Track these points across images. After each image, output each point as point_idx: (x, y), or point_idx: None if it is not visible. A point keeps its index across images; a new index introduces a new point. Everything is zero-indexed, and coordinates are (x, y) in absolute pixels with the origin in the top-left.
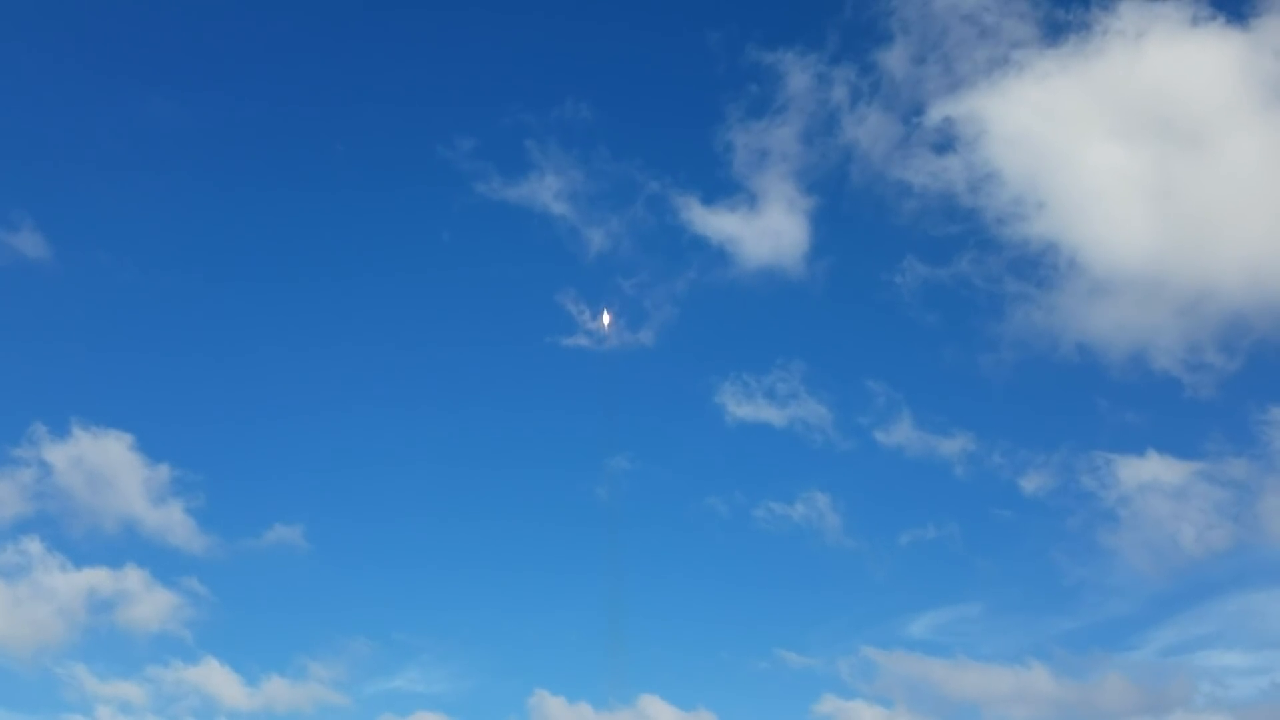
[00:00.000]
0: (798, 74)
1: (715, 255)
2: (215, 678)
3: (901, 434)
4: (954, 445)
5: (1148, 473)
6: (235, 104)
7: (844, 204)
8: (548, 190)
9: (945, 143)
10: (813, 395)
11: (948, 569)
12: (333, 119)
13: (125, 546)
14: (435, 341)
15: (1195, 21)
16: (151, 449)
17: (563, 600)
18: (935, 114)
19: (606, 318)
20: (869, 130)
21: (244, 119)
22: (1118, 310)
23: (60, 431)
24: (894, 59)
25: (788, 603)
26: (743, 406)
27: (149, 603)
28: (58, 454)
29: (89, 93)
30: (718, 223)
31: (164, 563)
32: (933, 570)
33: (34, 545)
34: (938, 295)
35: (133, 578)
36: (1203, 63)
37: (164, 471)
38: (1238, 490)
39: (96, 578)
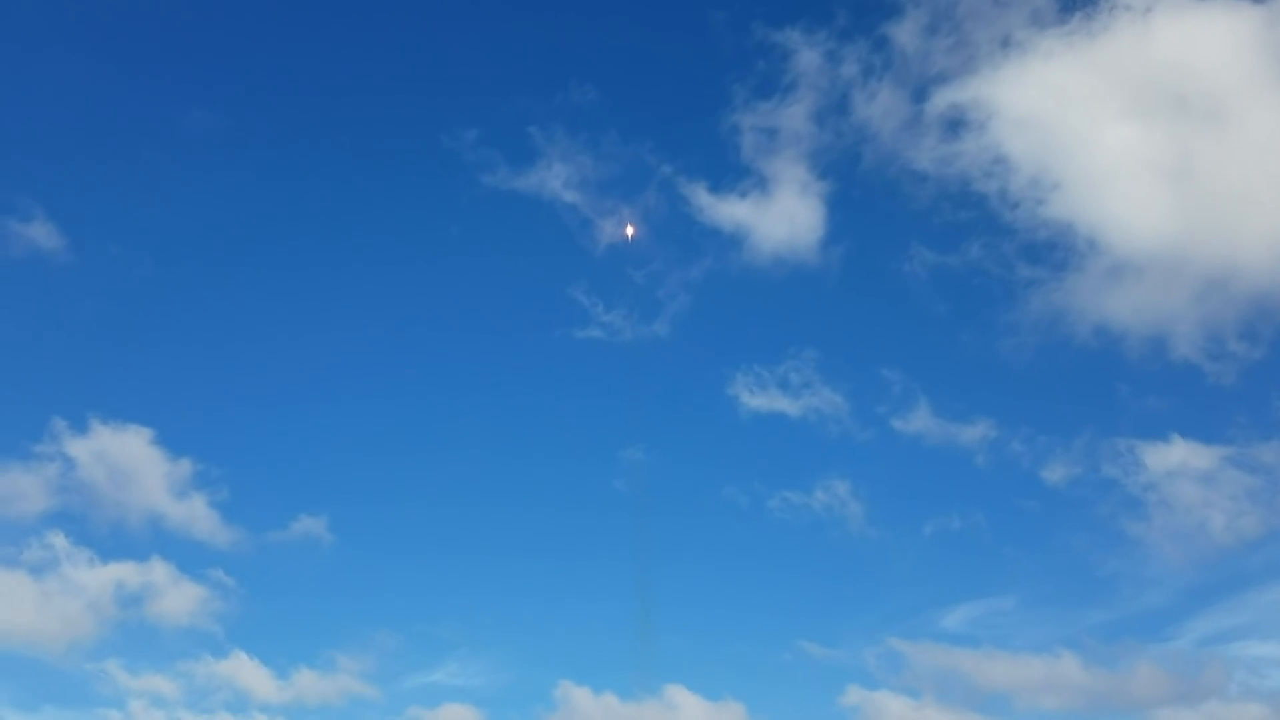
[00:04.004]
0: (806, 51)
1: (729, 242)
2: (245, 671)
3: (920, 422)
4: (974, 432)
5: (1174, 458)
6: (243, 98)
7: (857, 188)
8: (556, 179)
9: (958, 127)
10: (827, 384)
11: (975, 560)
12: (338, 113)
13: (150, 540)
14: (452, 335)
15: None
16: (172, 443)
17: (584, 591)
18: (946, 97)
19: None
20: (880, 108)
21: (252, 113)
22: (1137, 292)
23: (79, 427)
24: (905, 33)
25: (810, 593)
26: (756, 398)
27: (177, 596)
28: (79, 449)
29: (100, 87)
30: (730, 209)
31: (190, 556)
32: (960, 561)
33: (59, 540)
34: (953, 281)
35: (159, 571)
36: (1215, 37)
37: (186, 465)
38: (1267, 476)
39: (123, 572)
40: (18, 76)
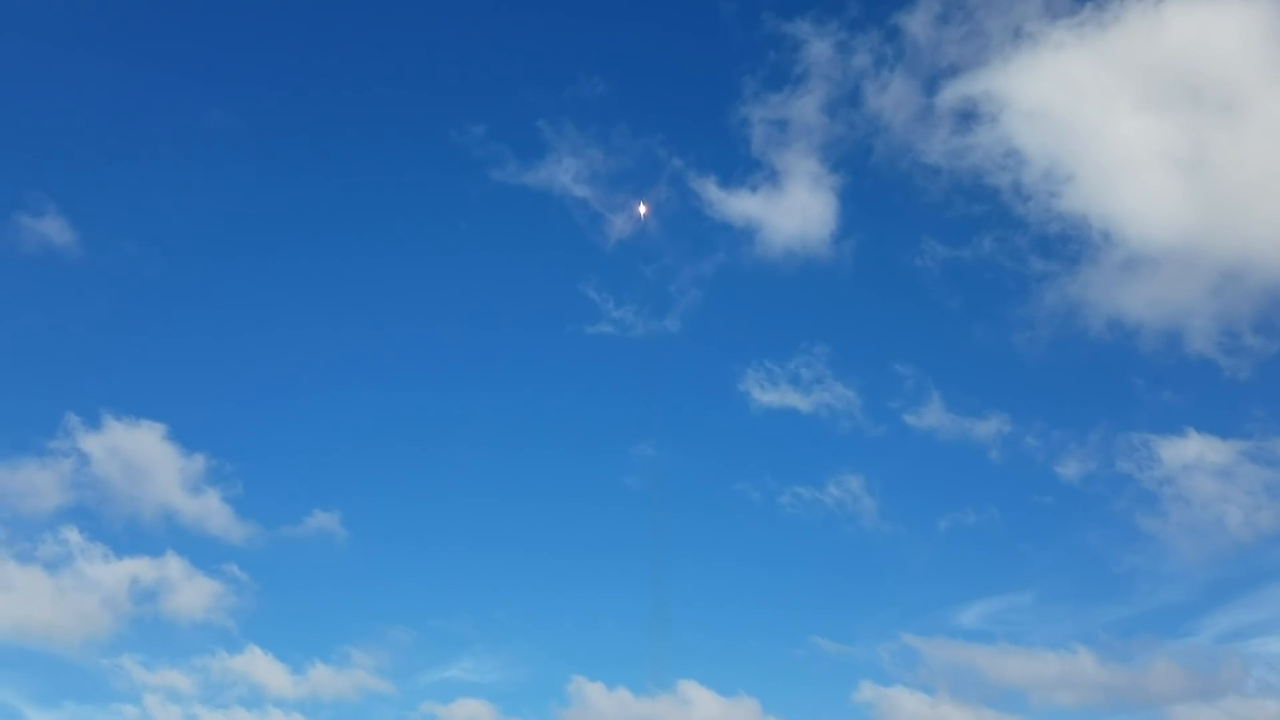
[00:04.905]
0: (817, 42)
1: (740, 236)
2: (260, 666)
3: (933, 417)
4: (988, 428)
5: (1190, 453)
6: (251, 95)
7: (869, 181)
8: (566, 173)
9: (970, 119)
10: (839, 379)
11: (990, 556)
12: (346, 110)
13: (164, 536)
14: (463, 331)
15: None
16: (185, 439)
17: (597, 587)
18: (958, 89)
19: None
20: (892, 99)
21: (261, 110)
22: (1151, 286)
23: (93, 423)
24: (916, 23)
25: (824, 589)
26: (768, 393)
27: (191, 591)
28: (93, 445)
29: (112, 84)
30: (741, 203)
31: (204, 552)
32: (975, 557)
33: (74, 535)
34: (965, 275)
35: (173, 566)
36: (1228, 27)
37: (199, 461)
38: None
39: (138, 567)
40: (31, 72)
